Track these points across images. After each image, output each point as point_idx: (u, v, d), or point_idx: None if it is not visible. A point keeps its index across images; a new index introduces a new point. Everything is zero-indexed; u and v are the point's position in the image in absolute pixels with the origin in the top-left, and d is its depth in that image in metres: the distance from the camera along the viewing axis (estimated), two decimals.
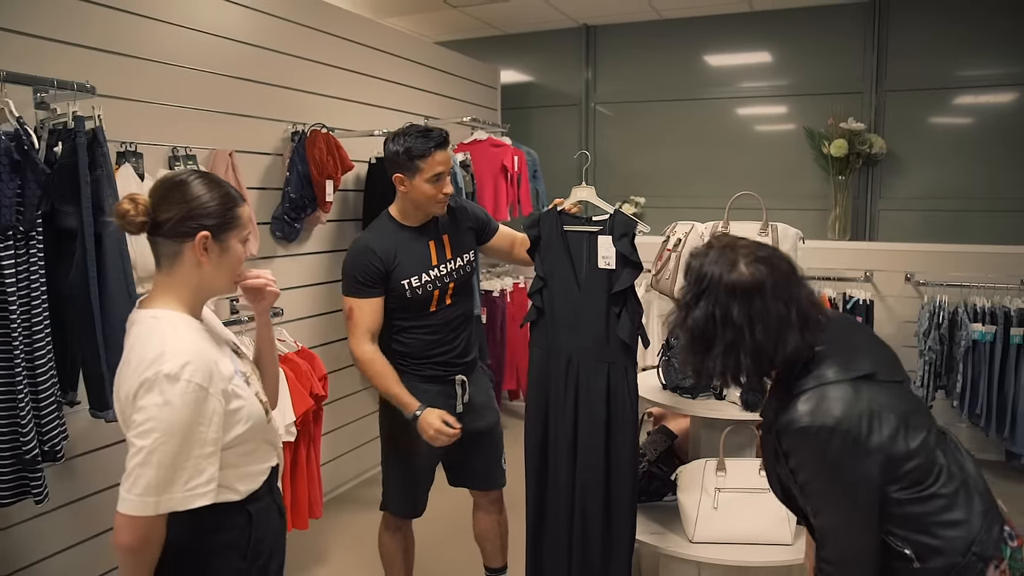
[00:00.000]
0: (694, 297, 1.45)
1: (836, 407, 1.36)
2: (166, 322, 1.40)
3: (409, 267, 2.31)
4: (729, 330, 1.40)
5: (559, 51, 5.66)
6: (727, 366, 1.42)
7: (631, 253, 2.32)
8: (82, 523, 2.57)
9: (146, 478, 1.28)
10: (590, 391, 2.37)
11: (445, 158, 2.28)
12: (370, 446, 4.11)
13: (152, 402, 1.29)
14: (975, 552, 1.37)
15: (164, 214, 1.39)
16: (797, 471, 1.41)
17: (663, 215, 5.12)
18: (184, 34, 2.91)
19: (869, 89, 4.82)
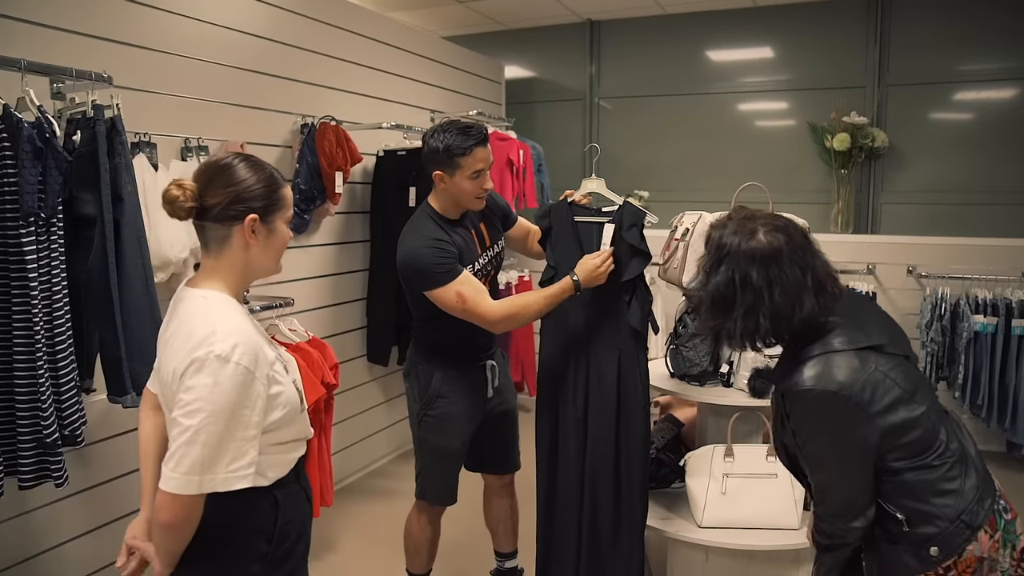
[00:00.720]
0: (714, 263, 1.52)
1: (840, 373, 1.41)
2: (216, 303, 1.41)
3: (465, 258, 2.31)
4: (749, 293, 1.46)
5: (563, 46, 5.68)
6: (747, 328, 1.48)
7: (639, 243, 2.36)
8: (98, 510, 2.60)
9: (191, 457, 1.30)
10: (601, 378, 2.40)
11: (486, 155, 2.27)
12: (378, 437, 4.14)
13: (202, 382, 1.31)
14: (963, 520, 1.42)
15: (212, 199, 1.40)
16: (798, 431, 1.48)
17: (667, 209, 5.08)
18: (197, 27, 2.93)
19: (871, 83, 4.84)
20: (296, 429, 1.54)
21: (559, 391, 2.47)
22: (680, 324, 2.76)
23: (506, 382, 2.58)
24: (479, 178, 2.27)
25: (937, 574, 1.42)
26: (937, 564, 1.42)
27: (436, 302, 2.25)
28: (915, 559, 1.44)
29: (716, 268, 1.51)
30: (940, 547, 1.42)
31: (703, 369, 2.68)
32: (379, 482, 3.99)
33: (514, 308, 2.28)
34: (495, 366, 2.47)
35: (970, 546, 1.42)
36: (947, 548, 1.42)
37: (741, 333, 1.49)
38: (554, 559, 2.52)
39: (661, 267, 2.79)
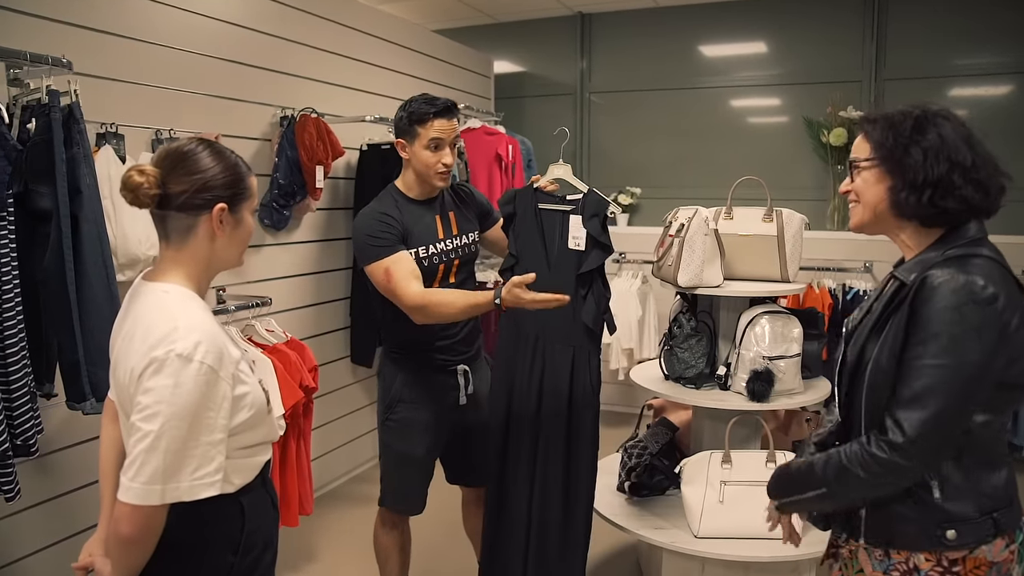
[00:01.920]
0: (912, 128, 1.34)
1: (993, 280, 1.27)
2: (177, 297, 1.31)
3: (420, 237, 2.24)
4: (955, 152, 1.31)
5: (553, 39, 5.56)
6: (974, 179, 1.31)
7: (600, 234, 2.23)
8: (59, 522, 2.46)
9: (152, 465, 1.20)
10: (555, 372, 2.29)
11: (446, 126, 2.20)
12: (361, 441, 4.01)
13: (162, 383, 1.21)
14: (995, 518, 1.31)
15: (176, 186, 1.30)
16: (924, 325, 1.26)
17: (659, 206, 5.02)
18: (169, 13, 2.80)
19: (868, 78, 4.75)
20: (263, 432, 1.43)
21: (513, 385, 2.35)
22: (675, 324, 2.65)
23: (487, 390, 2.44)
24: (438, 150, 2.20)
25: (941, 565, 1.30)
26: (947, 550, 1.30)
27: (370, 279, 2.19)
28: (927, 537, 1.31)
29: (918, 131, 1.33)
30: (959, 534, 1.29)
31: (699, 371, 2.57)
32: (363, 488, 3.86)
33: (431, 301, 2.10)
34: (468, 372, 2.34)
35: (985, 547, 1.30)
36: (965, 538, 1.29)
37: (976, 183, 1.31)
38: (498, 565, 2.38)
39: (655, 264, 2.67)
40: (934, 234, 1.36)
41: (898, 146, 1.34)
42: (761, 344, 2.45)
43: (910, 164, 1.32)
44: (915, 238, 1.38)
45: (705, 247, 2.46)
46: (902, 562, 1.34)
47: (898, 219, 1.38)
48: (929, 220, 1.35)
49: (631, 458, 2.74)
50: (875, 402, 1.34)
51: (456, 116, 2.26)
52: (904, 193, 1.33)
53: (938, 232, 1.36)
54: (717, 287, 2.52)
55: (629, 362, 4.66)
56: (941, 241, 1.35)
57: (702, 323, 2.62)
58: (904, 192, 1.33)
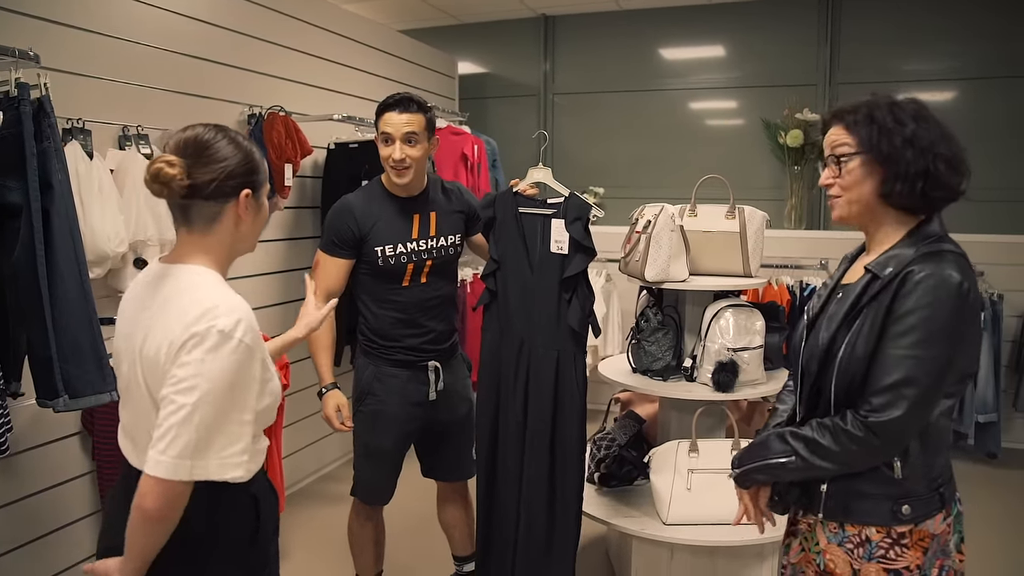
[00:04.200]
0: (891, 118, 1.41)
1: (966, 273, 1.34)
2: (213, 279, 1.32)
3: (386, 235, 2.27)
4: (938, 140, 1.40)
5: (517, 41, 5.61)
6: (944, 162, 1.38)
7: (584, 238, 2.27)
8: (28, 524, 2.42)
9: (184, 438, 1.20)
10: (539, 377, 2.33)
11: (397, 120, 2.22)
12: (331, 440, 4.00)
13: (200, 357, 1.21)
14: (940, 492, 1.39)
15: (203, 176, 1.30)
16: (906, 315, 1.32)
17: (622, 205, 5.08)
18: (136, 8, 2.77)
19: (823, 81, 4.90)
20: (272, 418, 1.44)
21: (499, 391, 2.39)
22: (642, 318, 2.71)
23: (461, 388, 2.48)
24: (388, 144, 2.24)
25: (891, 537, 1.38)
26: (900, 524, 1.38)
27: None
28: (883, 512, 1.38)
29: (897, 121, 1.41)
30: (912, 509, 1.37)
31: (666, 364, 2.63)
32: (330, 486, 3.85)
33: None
34: (439, 368, 2.38)
35: (929, 520, 1.39)
36: (916, 512, 1.38)
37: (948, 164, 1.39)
38: (493, 564, 2.45)
39: (622, 260, 2.73)
40: (907, 225, 1.42)
41: (884, 139, 1.39)
42: (726, 336, 2.53)
43: (901, 157, 1.38)
44: (894, 229, 1.43)
45: (671, 243, 2.53)
46: (855, 534, 1.40)
47: (884, 209, 1.43)
48: (917, 209, 1.41)
49: (600, 450, 2.80)
50: (846, 388, 1.39)
51: (413, 110, 2.23)
52: (897, 184, 1.38)
53: (910, 224, 1.42)
54: (683, 282, 2.59)
55: (594, 359, 4.72)
56: (912, 236, 1.41)
57: (668, 317, 2.68)
58: (897, 183, 1.38)
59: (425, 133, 2.27)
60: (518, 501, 2.38)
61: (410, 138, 2.23)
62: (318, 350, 2.31)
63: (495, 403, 2.41)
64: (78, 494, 2.60)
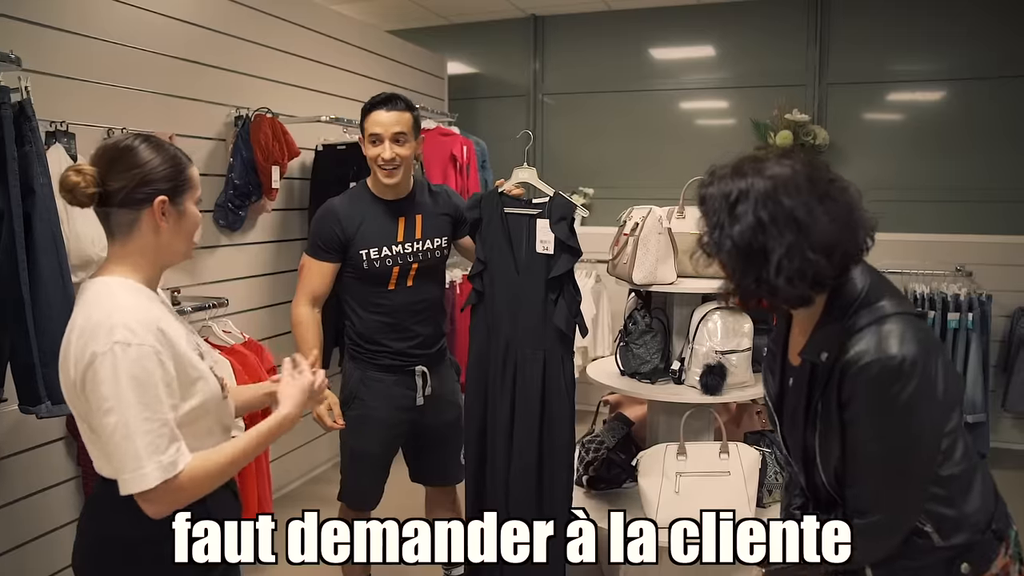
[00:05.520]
0: (726, 212, 1.21)
1: (907, 342, 1.17)
2: (117, 286, 1.32)
3: (371, 238, 2.26)
4: (786, 225, 1.17)
5: (506, 41, 5.60)
6: (794, 270, 1.18)
7: (568, 238, 2.27)
8: (12, 529, 2.40)
9: (128, 452, 1.22)
10: (526, 378, 2.33)
11: (383, 119, 2.22)
12: (320, 442, 3.99)
13: (105, 375, 1.22)
14: (994, 529, 1.27)
15: (115, 183, 1.31)
16: (857, 421, 1.20)
17: (611, 206, 5.07)
18: (121, 10, 2.75)
19: (812, 82, 4.91)
20: (218, 421, 1.44)
21: (487, 392, 2.39)
22: (630, 321, 2.71)
23: (449, 393, 2.47)
24: (376, 145, 2.23)
25: None
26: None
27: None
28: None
29: (730, 215, 1.20)
30: (971, 563, 1.23)
31: (654, 366, 2.63)
32: (319, 489, 3.84)
33: (298, 328, 2.33)
34: (426, 373, 2.37)
35: (991, 563, 1.26)
36: (977, 563, 1.24)
37: (788, 278, 1.17)
38: (482, 568, 2.42)
39: (610, 263, 2.73)
40: (822, 294, 1.26)
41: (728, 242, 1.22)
42: (714, 339, 2.52)
43: (760, 264, 1.20)
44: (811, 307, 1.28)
45: (659, 245, 2.53)
46: None
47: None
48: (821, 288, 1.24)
49: (588, 452, 2.80)
50: (839, 480, 1.29)
51: (401, 109, 2.23)
52: (771, 286, 1.21)
53: (824, 291, 1.26)
54: (671, 284, 2.59)
55: (583, 360, 4.72)
56: (832, 307, 1.26)
57: (656, 320, 2.68)
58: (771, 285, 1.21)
59: (412, 132, 2.27)
60: (507, 504, 2.37)
61: (399, 137, 2.23)
62: (306, 352, 2.28)
63: (483, 405, 2.40)
64: (63, 499, 2.58)
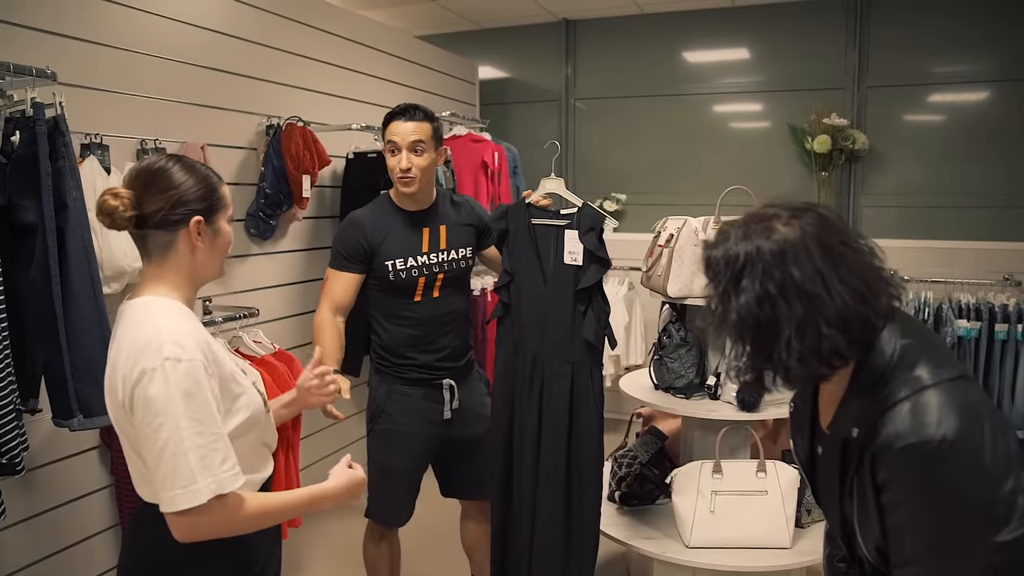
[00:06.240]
0: (730, 282, 1.12)
1: (947, 418, 1.05)
2: (158, 306, 1.32)
3: (396, 249, 2.25)
4: (796, 300, 1.07)
5: (538, 46, 5.56)
6: (807, 348, 1.07)
7: (597, 248, 2.24)
8: (44, 539, 2.42)
9: (181, 468, 1.21)
10: (554, 392, 2.29)
11: (401, 129, 2.21)
12: (349, 450, 3.95)
13: (156, 392, 1.21)
14: None
15: (151, 205, 1.31)
16: (898, 505, 1.08)
17: (644, 212, 5.05)
18: (154, 21, 2.76)
19: (851, 85, 4.79)
20: (261, 440, 1.44)
21: (513, 406, 2.35)
22: (664, 334, 2.65)
23: (478, 405, 2.43)
24: (395, 155, 2.22)
25: None
26: None
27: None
28: None
29: (735, 287, 1.11)
30: None
31: (689, 381, 2.57)
32: None
33: (317, 330, 2.27)
34: (454, 386, 2.33)
35: None
36: None
37: (801, 356, 1.08)
38: None
39: (644, 274, 2.68)
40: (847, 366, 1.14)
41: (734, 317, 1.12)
42: None
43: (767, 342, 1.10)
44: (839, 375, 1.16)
45: (695, 258, 2.46)
46: None
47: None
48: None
49: (621, 467, 2.74)
50: (882, 555, 1.17)
51: (419, 119, 2.22)
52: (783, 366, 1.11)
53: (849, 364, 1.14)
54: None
55: (616, 368, 4.66)
56: (859, 380, 1.14)
57: (692, 333, 2.62)
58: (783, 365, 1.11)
59: (432, 142, 2.24)
60: (533, 521, 2.33)
61: (416, 147, 2.21)
62: (326, 355, 2.18)
63: (509, 418, 2.37)
64: (97, 508, 2.59)
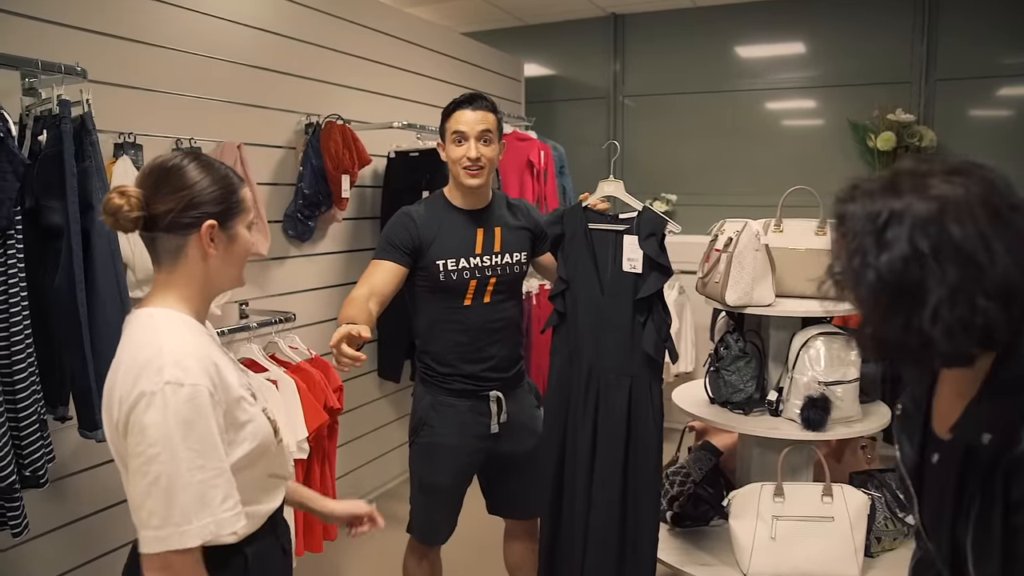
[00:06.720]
0: (872, 236, 0.95)
1: None
2: (163, 320, 1.21)
3: (449, 247, 2.12)
4: (952, 263, 0.90)
5: (585, 42, 5.40)
6: (957, 320, 0.91)
7: (659, 255, 2.10)
8: (73, 548, 2.36)
9: (171, 507, 1.10)
10: (610, 406, 2.15)
11: (471, 118, 2.09)
12: (390, 456, 3.89)
13: (154, 419, 1.10)
14: None
15: (161, 206, 1.20)
16: None
17: (696, 213, 4.85)
18: (190, 18, 2.69)
19: (918, 78, 4.52)
20: (272, 465, 1.30)
21: (567, 420, 2.22)
22: (721, 345, 2.48)
23: (527, 419, 2.29)
24: (462, 145, 2.10)
25: None
26: None
27: None
28: None
29: (878, 241, 0.94)
30: None
31: (747, 396, 2.39)
32: (390, 505, 3.72)
33: (348, 299, 2.03)
34: (501, 398, 2.19)
35: None
36: None
37: (948, 329, 0.91)
38: None
39: (699, 280, 2.51)
40: (985, 359, 1.00)
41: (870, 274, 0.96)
42: (816, 368, 2.27)
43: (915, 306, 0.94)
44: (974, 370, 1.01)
45: (756, 264, 2.29)
46: None
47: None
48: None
49: (673, 486, 2.58)
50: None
51: (485, 108, 2.13)
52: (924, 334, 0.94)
53: (987, 357, 1.00)
54: (768, 306, 2.34)
55: (666, 375, 4.47)
56: (997, 380, 1.00)
57: (751, 343, 2.44)
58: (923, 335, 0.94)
59: (497, 134, 2.15)
60: (585, 541, 2.19)
61: (485, 136, 2.11)
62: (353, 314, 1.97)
63: (562, 433, 2.23)
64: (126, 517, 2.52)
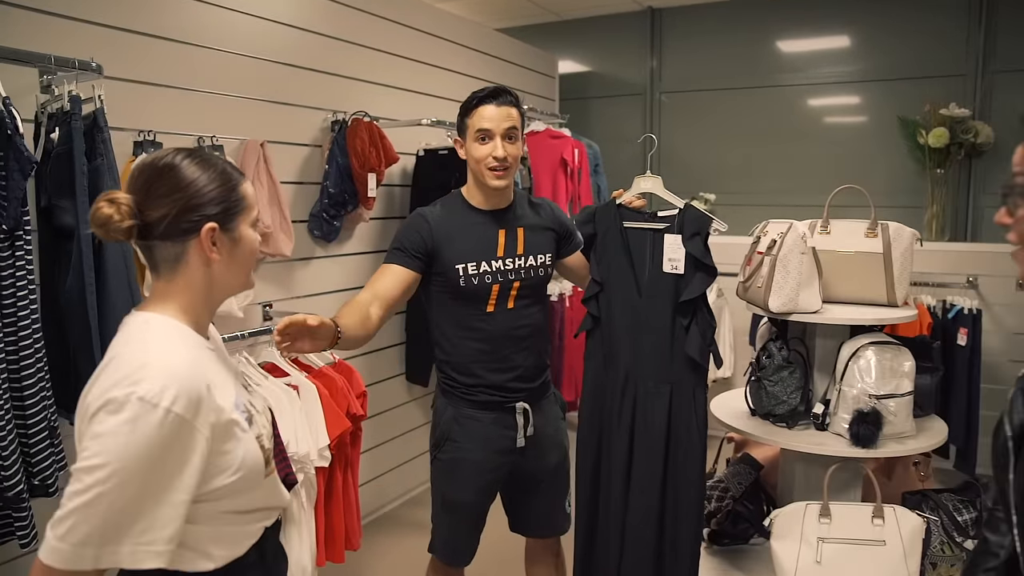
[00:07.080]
0: None
1: None
2: (157, 329, 1.11)
3: (468, 251, 1.97)
4: None
5: (621, 37, 5.26)
6: None
7: (704, 255, 1.99)
8: None
9: (89, 525, 0.98)
10: (648, 416, 2.04)
11: (495, 114, 1.93)
12: (415, 463, 3.80)
13: (114, 429, 0.98)
14: None
15: (155, 212, 1.09)
16: None
17: (735, 213, 4.67)
18: (212, 12, 2.63)
19: (973, 71, 4.29)
20: (257, 498, 1.19)
21: (602, 429, 2.11)
22: (763, 353, 2.33)
23: (553, 432, 2.16)
24: (487, 143, 1.94)
25: None
26: None
27: None
28: None
29: None
30: None
31: (791, 408, 2.25)
32: (416, 512, 3.65)
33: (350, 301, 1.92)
34: (528, 410, 2.06)
35: None
36: None
37: None
38: None
39: (741, 284, 2.37)
40: None
41: None
42: (866, 380, 2.12)
43: None
44: None
45: (801, 268, 2.15)
46: None
47: None
48: None
49: (711, 501, 2.44)
50: None
51: (510, 103, 1.96)
52: None
53: None
54: (815, 313, 2.20)
55: None
56: None
57: (795, 352, 2.30)
58: None
59: (521, 130, 2.01)
60: (620, 560, 2.08)
61: (511, 134, 1.96)
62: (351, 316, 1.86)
63: (596, 443, 2.14)
64: None
